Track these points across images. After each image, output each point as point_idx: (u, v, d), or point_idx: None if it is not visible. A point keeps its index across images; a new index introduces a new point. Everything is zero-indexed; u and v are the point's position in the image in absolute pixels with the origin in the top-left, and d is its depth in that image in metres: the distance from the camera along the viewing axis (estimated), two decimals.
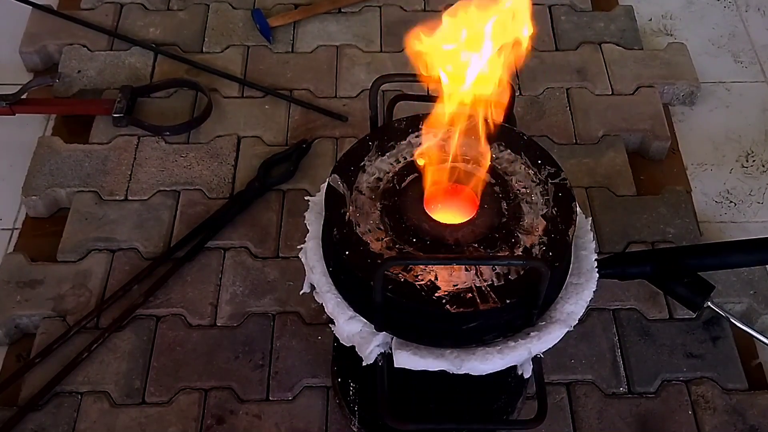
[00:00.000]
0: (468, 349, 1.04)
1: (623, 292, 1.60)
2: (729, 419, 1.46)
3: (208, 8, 2.12)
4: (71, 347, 1.52)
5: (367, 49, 2.04)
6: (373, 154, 1.15)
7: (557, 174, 1.13)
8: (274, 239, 1.68)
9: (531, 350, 1.05)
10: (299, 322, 1.56)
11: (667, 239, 1.69)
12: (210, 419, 1.45)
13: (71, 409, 1.45)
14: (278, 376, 1.50)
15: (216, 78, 1.96)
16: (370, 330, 1.06)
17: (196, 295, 1.59)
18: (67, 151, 1.80)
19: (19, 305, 1.57)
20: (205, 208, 1.72)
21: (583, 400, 1.48)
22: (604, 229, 1.70)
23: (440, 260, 1.04)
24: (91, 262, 1.63)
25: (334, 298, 1.08)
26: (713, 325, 1.57)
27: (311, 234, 1.14)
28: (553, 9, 2.14)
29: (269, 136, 1.85)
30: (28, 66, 2.04)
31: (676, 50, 2.05)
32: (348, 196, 1.10)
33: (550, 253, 1.05)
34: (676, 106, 2.00)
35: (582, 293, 1.10)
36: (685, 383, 1.51)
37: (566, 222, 1.08)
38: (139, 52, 2.01)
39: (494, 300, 1.01)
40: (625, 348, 1.54)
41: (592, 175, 1.79)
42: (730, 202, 1.82)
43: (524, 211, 1.10)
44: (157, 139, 1.83)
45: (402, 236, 1.06)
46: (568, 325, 1.07)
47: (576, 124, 1.88)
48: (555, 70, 2.00)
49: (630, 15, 2.14)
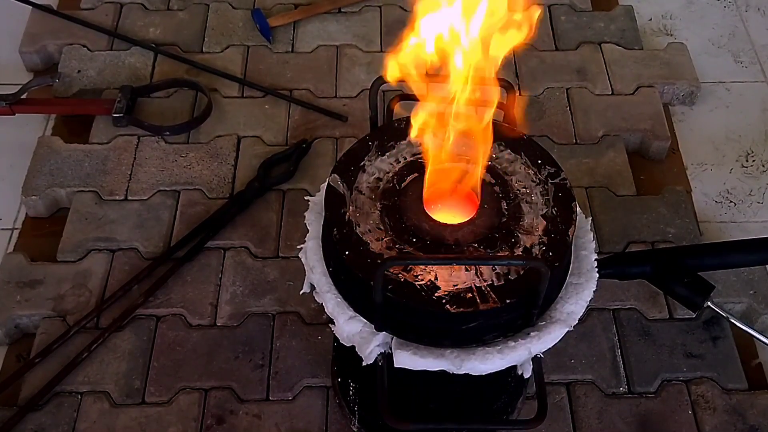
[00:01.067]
0: (468, 349, 1.04)
1: (623, 292, 1.60)
2: (729, 419, 1.46)
3: (208, 8, 2.12)
4: (71, 347, 1.52)
5: (367, 49, 2.04)
6: (373, 154, 1.15)
7: (557, 174, 1.13)
8: (274, 239, 1.68)
9: (531, 350, 1.05)
10: (299, 322, 1.56)
11: (667, 239, 1.69)
12: (210, 419, 1.45)
13: (71, 409, 1.45)
14: (278, 376, 1.50)
15: (216, 78, 1.96)
16: (370, 330, 1.06)
17: (196, 295, 1.59)
18: (67, 151, 1.80)
19: (19, 305, 1.57)
20: (205, 208, 1.72)
21: (583, 400, 1.48)
22: (604, 229, 1.70)
23: (440, 260, 1.04)
24: (91, 262, 1.63)
25: (334, 298, 1.08)
26: (713, 325, 1.57)
27: (311, 234, 1.14)
28: (553, 9, 2.15)
29: (269, 136, 1.85)
30: (28, 66, 2.04)
31: (676, 50, 2.05)
32: (348, 196, 1.10)
33: (550, 253, 1.05)
34: (676, 106, 2.00)
35: (582, 293, 1.10)
36: (685, 383, 1.50)
37: (566, 222, 1.08)
38: (139, 52, 2.01)
39: (494, 300, 1.00)
40: (625, 348, 1.54)
41: (592, 175, 1.79)
42: (730, 202, 1.82)
43: (524, 211, 1.10)
44: (157, 139, 1.83)
45: (402, 236, 1.06)
46: (568, 325, 1.07)
47: (576, 124, 1.89)
48: (555, 70, 2.00)
49: (630, 15, 2.14)
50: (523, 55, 2.02)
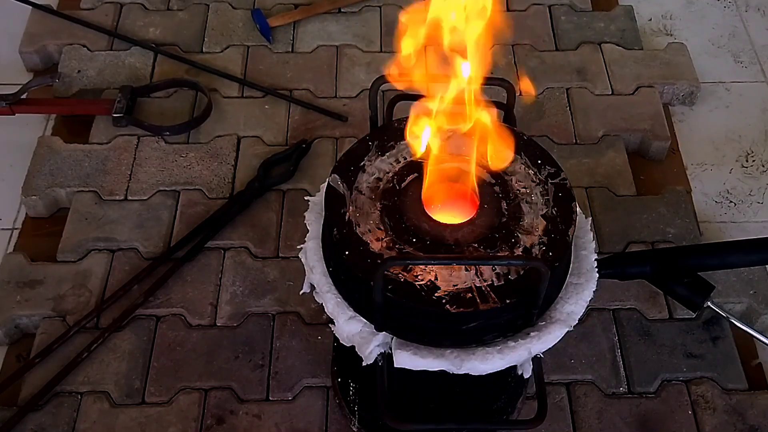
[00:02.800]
0: (468, 349, 1.04)
1: (623, 292, 1.60)
2: (729, 419, 1.46)
3: (208, 8, 2.12)
4: (71, 347, 1.52)
5: (367, 49, 2.04)
6: (373, 154, 1.15)
7: (557, 174, 1.13)
8: (274, 239, 1.68)
9: (531, 350, 1.05)
10: (299, 322, 1.56)
11: (667, 239, 1.69)
12: (210, 419, 1.45)
13: (71, 410, 1.45)
14: (278, 376, 1.50)
15: (216, 78, 1.96)
16: (370, 330, 1.06)
17: (196, 295, 1.59)
18: (67, 151, 1.80)
19: (19, 305, 1.57)
20: (205, 208, 1.72)
21: (583, 400, 1.48)
22: (604, 229, 1.70)
23: (440, 260, 1.04)
24: (91, 262, 1.63)
25: (334, 298, 1.08)
26: (713, 325, 1.57)
27: (311, 234, 1.14)
28: (553, 9, 2.15)
29: (269, 136, 1.85)
30: (27, 66, 2.04)
31: (676, 50, 2.05)
32: (348, 196, 1.10)
33: (550, 253, 1.05)
34: (676, 106, 2.00)
35: (582, 293, 1.10)
36: (685, 383, 1.50)
37: (566, 222, 1.08)
38: (139, 52, 2.01)
39: (494, 300, 1.00)
40: (625, 348, 1.54)
41: (592, 175, 1.79)
42: (730, 202, 1.82)
43: (524, 211, 1.10)
44: (157, 139, 1.83)
45: (402, 236, 1.06)
46: (568, 325, 1.07)
47: (576, 124, 1.88)
48: (555, 70, 2.00)
49: (630, 15, 2.14)
50: (523, 56, 2.02)
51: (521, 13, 2.13)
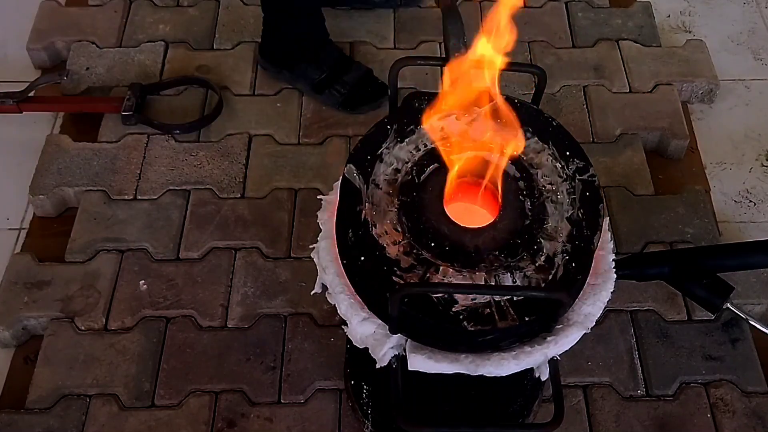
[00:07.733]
0: (483, 354, 1.02)
1: (641, 293, 1.58)
2: (748, 422, 1.45)
3: (219, 4, 2.11)
4: (79, 349, 1.51)
5: (380, 45, 2.03)
6: (391, 140, 1.11)
7: (586, 169, 1.10)
8: (286, 239, 1.66)
9: (547, 354, 1.03)
10: (312, 323, 1.55)
11: (685, 239, 1.67)
12: (221, 422, 1.43)
13: (79, 412, 1.44)
14: (290, 379, 1.48)
15: (227, 75, 1.94)
16: (384, 332, 1.04)
17: (206, 296, 1.58)
18: (75, 149, 1.79)
19: (26, 306, 1.56)
20: (215, 207, 1.70)
21: (601, 402, 1.47)
22: (622, 228, 1.68)
23: (458, 289, 1.01)
24: (100, 263, 1.62)
25: (347, 300, 1.06)
26: (732, 327, 1.56)
27: (324, 234, 1.12)
28: (570, 5, 2.13)
29: (281, 134, 1.84)
30: (35, 63, 2.03)
31: (694, 47, 2.03)
32: (364, 190, 1.07)
33: (572, 264, 1.02)
34: (694, 104, 1.98)
35: (599, 294, 1.07)
36: (703, 386, 1.49)
37: (592, 227, 1.04)
38: (148, 49, 2.00)
39: (513, 317, 0.98)
40: (643, 350, 1.53)
41: (610, 174, 1.77)
42: (749, 201, 1.80)
43: (548, 212, 1.07)
44: (166, 137, 1.82)
45: (420, 240, 1.03)
46: (586, 327, 1.05)
47: (593, 123, 1.87)
48: (572, 67, 1.98)
49: (648, 11, 2.12)
50: (539, 53, 2.00)
51: (537, 9, 2.11)
